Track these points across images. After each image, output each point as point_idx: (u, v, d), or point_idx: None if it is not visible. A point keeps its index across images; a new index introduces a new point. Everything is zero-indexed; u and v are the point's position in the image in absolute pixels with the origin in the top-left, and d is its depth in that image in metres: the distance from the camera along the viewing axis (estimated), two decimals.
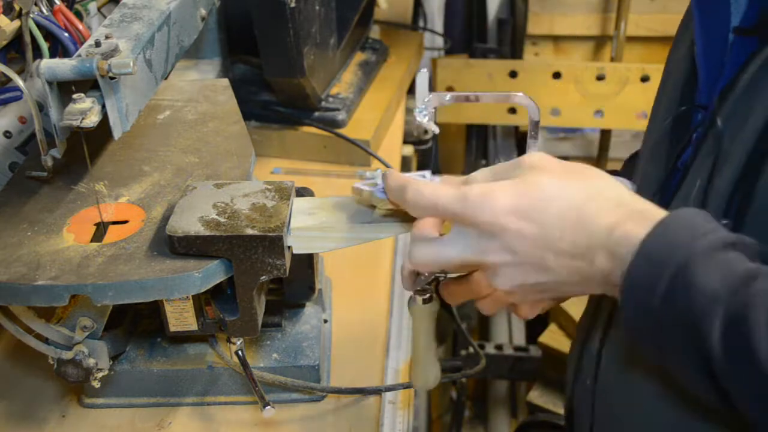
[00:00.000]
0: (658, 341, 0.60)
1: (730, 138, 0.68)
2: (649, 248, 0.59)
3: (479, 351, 1.33)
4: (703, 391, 0.60)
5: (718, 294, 0.56)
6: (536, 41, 2.27)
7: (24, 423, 0.94)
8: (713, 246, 0.58)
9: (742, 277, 0.56)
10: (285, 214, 0.80)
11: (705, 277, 0.56)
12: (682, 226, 0.59)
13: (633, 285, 0.59)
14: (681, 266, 0.57)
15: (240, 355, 0.89)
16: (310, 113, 1.52)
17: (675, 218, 0.60)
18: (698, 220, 0.60)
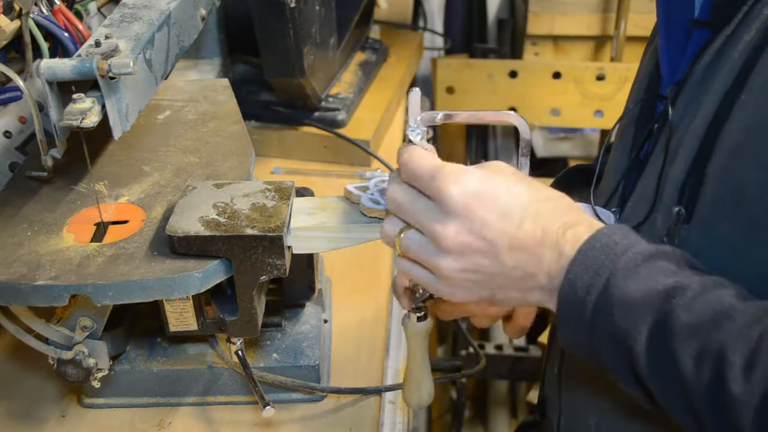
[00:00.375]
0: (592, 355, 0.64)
1: (683, 128, 0.70)
2: (574, 275, 0.62)
3: (479, 351, 1.34)
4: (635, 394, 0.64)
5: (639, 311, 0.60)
6: (536, 41, 2.26)
7: (24, 423, 0.94)
8: (632, 262, 0.61)
9: (662, 292, 0.60)
10: (285, 214, 0.80)
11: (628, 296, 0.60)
12: (600, 250, 0.62)
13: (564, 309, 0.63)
14: (603, 290, 0.61)
15: (240, 355, 0.89)
16: (310, 113, 1.52)
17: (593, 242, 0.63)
18: (616, 238, 0.63)
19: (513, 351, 2.03)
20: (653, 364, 0.59)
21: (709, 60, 0.70)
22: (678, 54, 0.75)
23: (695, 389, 0.57)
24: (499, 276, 0.66)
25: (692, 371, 0.57)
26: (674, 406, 0.60)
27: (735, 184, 0.64)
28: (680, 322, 0.58)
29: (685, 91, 0.72)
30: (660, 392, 0.60)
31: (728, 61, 0.67)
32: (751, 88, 0.64)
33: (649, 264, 0.61)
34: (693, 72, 0.71)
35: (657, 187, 0.72)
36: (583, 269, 0.62)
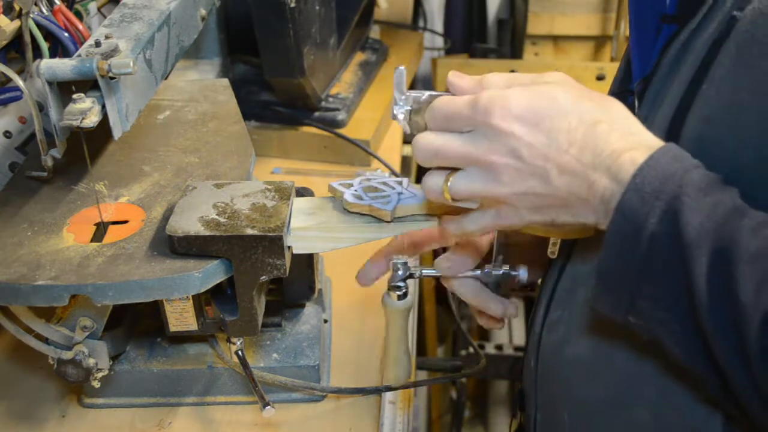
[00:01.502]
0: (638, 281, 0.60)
1: (651, 120, 0.70)
2: (641, 180, 0.59)
3: (479, 351, 1.34)
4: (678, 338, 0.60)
5: (705, 227, 0.57)
6: (536, 41, 2.26)
7: (24, 423, 0.94)
8: (705, 177, 0.59)
9: (731, 211, 0.57)
10: (285, 214, 0.80)
11: (695, 209, 0.57)
12: (673, 158, 0.60)
13: (625, 217, 0.60)
14: (674, 197, 0.58)
15: (240, 355, 0.89)
16: (310, 113, 1.52)
17: (666, 151, 0.60)
18: (686, 153, 0.61)
19: (513, 351, 2.03)
20: (712, 282, 0.56)
21: (674, 53, 0.71)
22: (648, 49, 0.76)
23: (752, 318, 0.54)
24: (553, 198, 0.65)
25: (752, 297, 0.54)
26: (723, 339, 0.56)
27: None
28: (746, 244, 0.55)
29: (653, 85, 0.73)
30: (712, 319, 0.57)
31: (692, 53, 0.68)
32: (712, 79, 0.65)
33: (718, 182, 0.59)
34: (660, 66, 0.72)
35: None
36: (653, 176, 0.59)
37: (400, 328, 0.85)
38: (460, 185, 0.68)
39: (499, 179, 0.66)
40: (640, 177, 0.59)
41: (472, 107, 0.65)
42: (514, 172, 0.65)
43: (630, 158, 0.60)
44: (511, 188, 0.65)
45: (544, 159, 0.63)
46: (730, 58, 0.64)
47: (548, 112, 0.63)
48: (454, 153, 0.67)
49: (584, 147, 0.62)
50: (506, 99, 0.64)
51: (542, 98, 0.64)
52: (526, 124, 0.63)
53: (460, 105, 0.66)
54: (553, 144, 0.63)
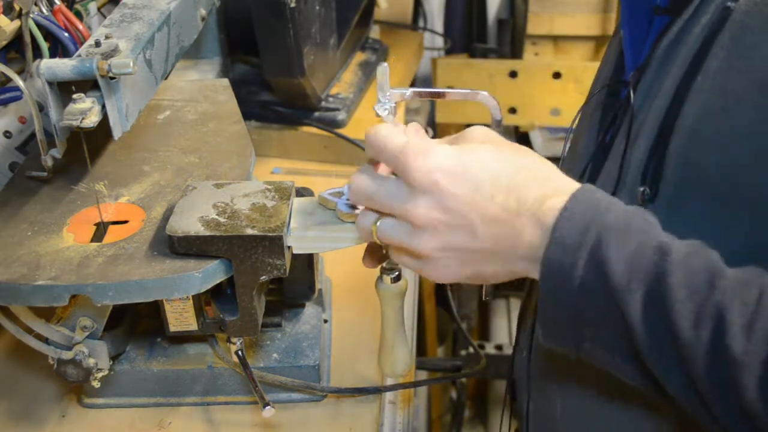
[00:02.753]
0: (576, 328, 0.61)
1: (644, 111, 0.71)
2: (561, 233, 0.60)
3: (479, 351, 1.33)
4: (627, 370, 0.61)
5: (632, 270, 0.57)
6: (536, 41, 2.26)
7: (24, 423, 0.94)
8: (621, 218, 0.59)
9: (656, 251, 0.58)
10: (285, 214, 0.80)
11: (618, 255, 0.58)
12: (587, 205, 0.60)
13: (551, 272, 0.60)
14: (595, 247, 0.58)
15: (240, 355, 0.89)
16: (310, 113, 1.52)
17: (580, 198, 0.61)
18: (599, 195, 0.62)
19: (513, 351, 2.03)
20: (648, 326, 0.57)
21: (668, 44, 0.71)
22: (641, 41, 0.77)
23: (694, 353, 0.55)
24: (479, 252, 0.64)
25: (691, 334, 0.55)
26: (671, 376, 0.58)
27: (696, 165, 0.65)
28: (676, 282, 0.56)
29: (646, 76, 0.73)
30: (656, 361, 0.58)
31: (686, 45, 0.68)
32: (707, 71, 0.65)
33: (638, 219, 0.60)
34: (653, 57, 0.73)
35: (620, 169, 0.73)
36: (570, 227, 0.59)
37: (395, 312, 0.84)
38: (387, 232, 0.68)
39: (420, 234, 0.65)
40: (560, 231, 0.60)
41: (398, 155, 0.64)
42: (438, 226, 0.64)
43: (553, 205, 0.61)
44: (432, 243, 0.64)
45: (469, 209, 0.62)
46: (724, 49, 0.64)
47: (472, 164, 0.63)
48: (381, 200, 0.67)
49: (509, 195, 0.62)
50: (431, 150, 0.64)
51: (466, 151, 0.64)
52: (450, 174, 0.63)
53: (391, 145, 0.65)
54: (478, 193, 0.62)
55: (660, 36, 0.72)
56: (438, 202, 0.63)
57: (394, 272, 0.82)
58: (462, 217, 0.63)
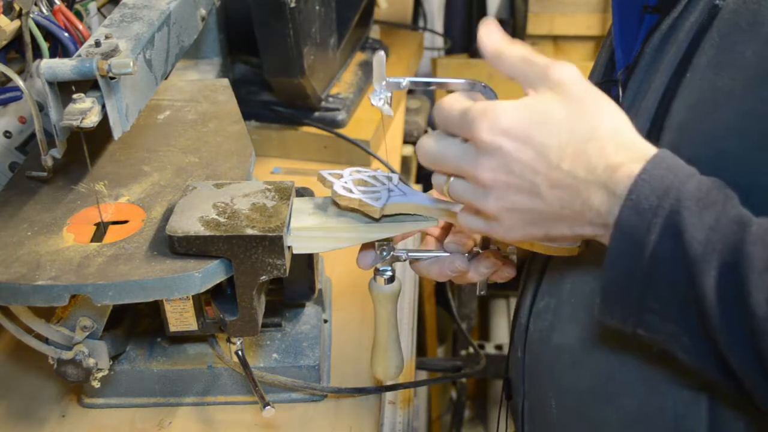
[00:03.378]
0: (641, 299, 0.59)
1: (635, 109, 0.71)
2: (638, 195, 0.58)
3: (479, 351, 1.34)
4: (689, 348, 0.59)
5: (710, 240, 0.56)
6: (536, 41, 2.26)
7: (24, 423, 0.94)
8: (703, 185, 0.58)
9: (735, 222, 0.56)
10: (285, 214, 0.80)
11: (696, 223, 0.56)
12: (667, 168, 0.59)
13: (623, 234, 0.59)
14: (673, 212, 0.57)
15: (240, 355, 0.89)
16: (310, 113, 1.52)
17: (659, 161, 0.59)
18: (680, 161, 0.60)
19: None
20: (722, 296, 0.55)
21: (657, 42, 0.72)
22: (631, 40, 0.77)
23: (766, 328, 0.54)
24: (546, 213, 0.63)
25: (766, 309, 0.54)
26: (738, 350, 0.56)
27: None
28: (754, 255, 0.54)
29: (636, 74, 0.73)
30: (725, 333, 0.56)
31: (675, 43, 0.69)
32: (696, 68, 0.65)
33: (718, 190, 0.58)
34: (643, 55, 0.73)
35: None
36: (648, 191, 0.57)
37: (388, 314, 0.83)
38: (457, 192, 0.67)
39: (487, 194, 0.64)
40: (636, 193, 0.58)
41: (462, 118, 0.64)
42: (502, 187, 0.63)
43: (627, 172, 0.59)
44: (499, 203, 0.64)
45: (534, 174, 0.61)
46: (713, 46, 0.64)
47: (538, 127, 0.61)
48: (448, 165, 0.66)
49: (576, 163, 0.60)
50: (496, 112, 0.62)
51: (533, 112, 0.62)
52: (515, 139, 0.61)
53: (456, 113, 0.65)
54: (543, 159, 0.61)
55: (649, 34, 0.73)
56: (503, 165, 0.62)
57: (387, 273, 0.81)
58: (528, 181, 0.62)
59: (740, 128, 0.62)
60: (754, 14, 0.62)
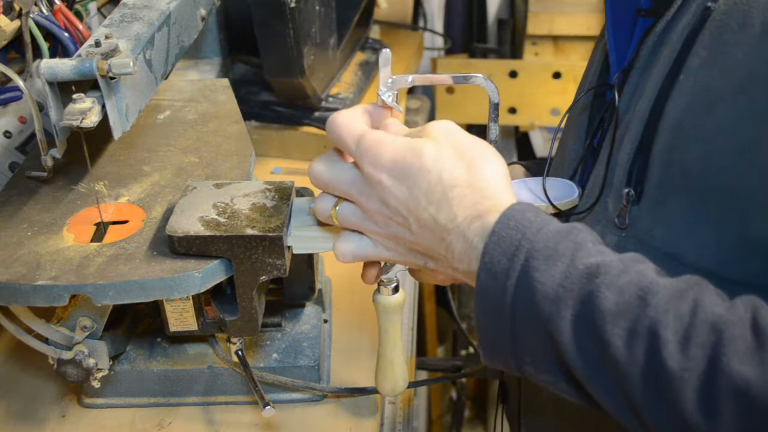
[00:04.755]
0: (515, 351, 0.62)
1: (630, 113, 0.72)
2: (490, 258, 0.60)
3: (479, 351, 1.34)
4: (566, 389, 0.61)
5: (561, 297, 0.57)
6: (536, 41, 2.26)
7: (24, 423, 0.94)
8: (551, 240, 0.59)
9: (583, 273, 0.58)
10: (285, 214, 0.80)
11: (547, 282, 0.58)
12: (515, 229, 0.60)
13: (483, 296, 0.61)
14: (522, 273, 0.59)
15: (240, 355, 0.89)
16: (310, 113, 1.52)
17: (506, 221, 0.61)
18: (530, 216, 0.61)
19: None
20: (581, 350, 0.57)
21: (651, 45, 0.72)
22: (625, 43, 0.78)
23: (630, 372, 0.55)
24: (423, 249, 0.67)
25: (624, 353, 0.55)
26: (609, 397, 0.57)
27: (680, 163, 0.65)
28: (606, 303, 0.56)
29: (631, 78, 0.74)
30: (592, 383, 0.58)
31: (668, 46, 0.69)
32: (688, 69, 0.66)
33: (566, 241, 0.59)
34: (638, 59, 0.73)
35: (606, 171, 0.74)
36: (499, 252, 0.60)
37: (394, 327, 0.82)
38: (344, 215, 0.71)
39: (371, 220, 0.69)
40: (489, 256, 0.60)
41: (355, 145, 0.67)
42: (382, 217, 0.67)
43: (481, 225, 0.62)
44: (381, 230, 0.69)
45: (407, 211, 0.65)
46: (705, 48, 0.65)
47: (411, 168, 0.65)
48: (339, 189, 0.70)
49: (440, 208, 0.64)
50: (380, 147, 0.66)
51: (408, 153, 0.65)
52: (392, 176, 0.65)
53: (350, 138, 0.68)
54: (413, 199, 0.65)
55: (643, 38, 0.73)
56: (383, 198, 0.66)
57: (392, 284, 0.80)
58: (402, 216, 0.66)
59: (731, 129, 0.62)
60: (744, 15, 0.62)
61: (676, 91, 0.67)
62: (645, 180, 0.68)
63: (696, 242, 0.65)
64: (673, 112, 0.66)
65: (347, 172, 0.69)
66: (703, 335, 0.53)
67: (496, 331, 0.61)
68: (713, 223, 0.64)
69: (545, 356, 0.60)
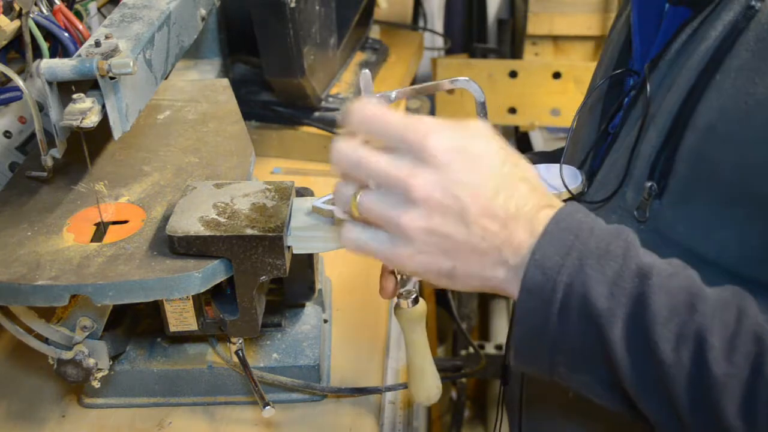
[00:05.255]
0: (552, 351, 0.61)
1: (657, 104, 0.70)
2: (542, 255, 0.59)
3: (479, 351, 1.34)
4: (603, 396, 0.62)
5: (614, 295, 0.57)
6: (536, 41, 2.26)
7: (24, 423, 0.94)
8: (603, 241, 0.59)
9: (636, 274, 0.58)
10: (285, 214, 0.80)
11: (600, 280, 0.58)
12: (567, 230, 0.60)
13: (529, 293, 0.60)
14: (577, 270, 0.58)
15: (240, 355, 0.89)
16: (310, 113, 1.52)
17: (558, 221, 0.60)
18: (580, 217, 0.61)
19: None
20: (630, 351, 0.57)
21: (686, 38, 0.70)
22: (651, 30, 0.76)
23: (675, 375, 0.56)
24: (464, 245, 0.60)
25: (672, 356, 0.56)
26: (651, 399, 0.58)
27: (710, 164, 0.65)
28: (657, 304, 0.56)
29: (659, 68, 0.72)
30: (636, 384, 0.58)
31: (705, 41, 0.67)
32: (727, 70, 0.64)
33: (618, 241, 0.59)
34: (669, 49, 0.72)
35: (629, 161, 0.72)
36: (551, 250, 0.59)
37: (421, 337, 0.80)
38: (370, 203, 0.62)
39: (414, 209, 0.60)
40: (540, 252, 0.59)
41: (407, 125, 0.60)
42: (435, 205, 0.60)
43: (546, 214, 0.61)
44: (423, 222, 0.60)
45: (471, 198, 0.59)
46: (747, 50, 0.63)
47: (486, 156, 0.61)
48: (377, 168, 0.61)
49: (510, 198, 0.60)
50: (448, 129, 0.60)
51: (480, 141, 0.61)
52: (464, 160, 0.59)
53: (395, 118, 0.61)
54: (485, 187, 0.60)
55: (680, 29, 0.71)
56: (443, 183, 0.59)
57: (411, 295, 0.79)
58: (461, 205, 0.59)
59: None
60: None
61: (711, 89, 0.65)
62: (669, 175, 0.67)
63: (718, 241, 0.65)
64: (706, 111, 0.65)
65: (389, 153, 0.61)
66: (747, 344, 0.55)
67: (539, 328, 0.60)
68: (737, 225, 0.64)
69: (588, 356, 0.60)
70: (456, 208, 0.59)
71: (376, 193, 0.62)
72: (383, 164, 0.61)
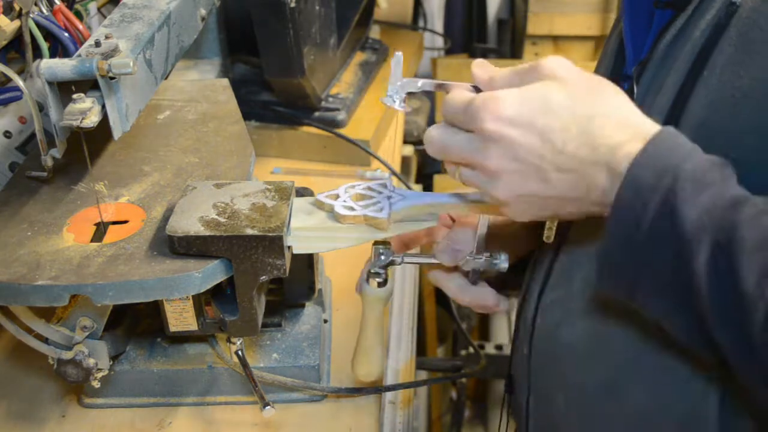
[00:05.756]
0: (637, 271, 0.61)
1: (647, 105, 0.70)
2: (636, 173, 0.59)
3: (479, 351, 1.34)
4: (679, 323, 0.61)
5: (703, 221, 0.57)
6: (536, 41, 2.27)
7: (24, 423, 0.94)
8: (700, 166, 0.59)
9: (729, 203, 0.57)
10: (285, 214, 0.80)
11: (691, 203, 0.57)
12: (667, 149, 0.60)
13: (621, 210, 0.60)
14: (669, 192, 0.58)
15: (240, 355, 0.89)
16: (310, 113, 1.52)
17: (660, 140, 0.60)
18: (680, 140, 0.61)
19: None
20: (713, 276, 0.56)
21: (671, 38, 0.71)
22: (642, 34, 0.77)
23: (755, 309, 0.55)
24: (553, 198, 0.65)
25: (754, 289, 0.55)
26: (728, 329, 0.57)
27: None
28: (746, 236, 0.55)
29: (648, 70, 0.73)
30: (714, 313, 0.57)
31: (690, 40, 0.68)
32: (713, 66, 0.65)
33: (715, 171, 0.59)
34: (656, 51, 0.72)
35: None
36: (646, 170, 0.59)
37: (377, 318, 0.84)
38: (468, 178, 0.69)
39: (496, 183, 0.66)
40: (635, 171, 0.59)
41: (466, 110, 0.66)
42: (511, 175, 0.65)
43: (627, 152, 0.60)
44: (507, 191, 0.66)
45: (540, 159, 0.63)
46: (731, 45, 0.64)
47: (540, 112, 0.62)
48: (455, 155, 0.68)
49: (580, 144, 0.62)
50: (497, 101, 0.64)
51: (533, 98, 0.63)
52: (519, 126, 0.63)
53: (459, 106, 0.67)
54: (548, 144, 0.62)
55: (663, 30, 0.72)
56: (509, 153, 0.64)
57: (381, 276, 0.82)
58: (534, 167, 0.63)
59: (759, 128, 0.62)
60: None
61: (699, 87, 0.66)
62: None
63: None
64: (696, 108, 0.66)
65: (462, 135, 0.67)
66: None
67: (626, 245, 0.61)
68: None
69: (669, 278, 0.59)
70: (532, 171, 0.64)
71: (470, 171, 0.69)
72: (458, 151, 0.68)
